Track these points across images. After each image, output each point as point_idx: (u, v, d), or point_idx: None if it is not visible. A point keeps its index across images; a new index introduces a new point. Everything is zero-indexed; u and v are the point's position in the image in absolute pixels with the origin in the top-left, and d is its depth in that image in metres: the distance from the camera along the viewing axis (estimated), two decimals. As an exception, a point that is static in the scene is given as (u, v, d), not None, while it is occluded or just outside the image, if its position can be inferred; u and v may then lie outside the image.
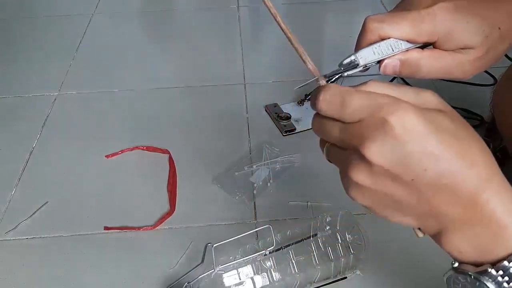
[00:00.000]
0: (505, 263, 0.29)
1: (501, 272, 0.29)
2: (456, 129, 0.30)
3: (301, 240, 0.62)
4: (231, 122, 0.94)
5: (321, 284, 0.63)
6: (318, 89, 0.33)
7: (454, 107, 0.32)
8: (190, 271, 0.67)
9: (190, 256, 0.69)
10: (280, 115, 0.92)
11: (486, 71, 0.96)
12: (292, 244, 0.61)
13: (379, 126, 0.29)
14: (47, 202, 0.79)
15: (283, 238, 0.62)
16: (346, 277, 0.64)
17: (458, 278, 0.31)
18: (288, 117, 0.92)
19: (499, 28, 0.37)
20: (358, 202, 0.32)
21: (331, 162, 0.36)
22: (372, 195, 0.31)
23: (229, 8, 1.35)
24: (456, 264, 0.32)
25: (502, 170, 0.64)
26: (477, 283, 0.29)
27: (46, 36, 1.28)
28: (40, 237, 0.74)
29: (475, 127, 0.87)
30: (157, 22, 1.33)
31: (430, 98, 0.31)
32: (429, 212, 0.30)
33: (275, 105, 0.96)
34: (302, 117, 0.93)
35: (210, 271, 0.57)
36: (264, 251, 0.59)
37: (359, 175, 0.31)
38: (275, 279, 0.59)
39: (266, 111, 0.96)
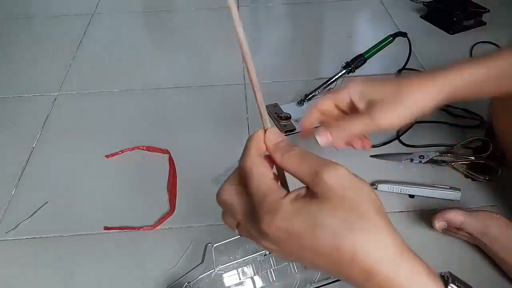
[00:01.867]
0: None
1: None
2: (330, 220, 0.31)
3: None
4: (231, 122, 0.94)
5: (321, 284, 0.63)
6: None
7: (453, 107, 0.33)
8: (190, 271, 0.67)
9: (190, 256, 0.69)
10: (280, 115, 0.92)
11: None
12: None
13: (257, 224, 0.33)
14: (47, 202, 0.79)
15: None
16: None
17: None
18: (288, 117, 0.92)
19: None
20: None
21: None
22: (287, 257, 0.35)
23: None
24: None
25: (501, 170, 0.66)
26: None
27: (47, 36, 1.28)
28: (40, 237, 0.74)
29: (475, 127, 0.88)
30: (157, 22, 1.33)
31: (324, 179, 0.32)
32: (338, 275, 0.33)
33: (275, 105, 0.96)
34: (302, 117, 0.93)
35: (210, 271, 0.57)
36: (264, 251, 0.59)
37: (266, 245, 0.34)
38: (274, 279, 0.59)
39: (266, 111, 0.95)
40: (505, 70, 0.50)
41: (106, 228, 0.74)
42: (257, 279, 0.59)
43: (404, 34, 1.00)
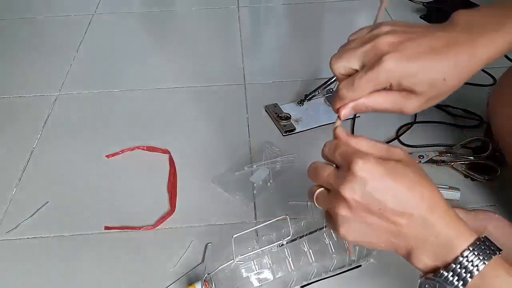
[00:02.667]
0: (453, 265, 0.39)
1: (451, 273, 0.39)
2: (409, 172, 0.40)
3: (315, 231, 0.62)
4: (231, 122, 0.94)
5: (336, 273, 0.64)
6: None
7: (452, 107, 0.33)
8: (190, 271, 0.67)
9: (190, 256, 0.69)
10: (280, 115, 0.93)
11: (485, 71, 0.96)
12: (306, 234, 0.62)
13: (349, 171, 0.40)
14: (47, 202, 0.79)
15: (297, 229, 0.63)
16: (360, 265, 0.65)
17: (425, 284, 0.41)
18: (288, 117, 0.92)
19: (444, 80, 0.43)
20: (345, 238, 0.43)
21: (319, 206, 0.45)
22: (355, 227, 0.42)
23: (229, 8, 1.36)
24: (422, 274, 0.42)
25: (501, 170, 0.66)
26: (437, 285, 0.40)
27: (47, 37, 1.28)
28: (41, 237, 0.74)
29: (474, 127, 0.88)
30: (157, 22, 1.33)
31: (397, 153, 0.42)
32: (398, 234, 0.41)
33: (275, 105, 0.96)
34: (302, 117, 0.93)
35: (230, 262, 0.58)
36: (281, 240, 0.60)
37: (341, 210, 0.41)
38: (292, 268, 0.60)
39: (266, 111, 0.96)
40: None
41: (106, 227, 0.74)
42: (275, 268, 0.60)
43: (403, 34, 1.00)
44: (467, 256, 0.39)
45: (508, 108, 0.68)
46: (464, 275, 0.38)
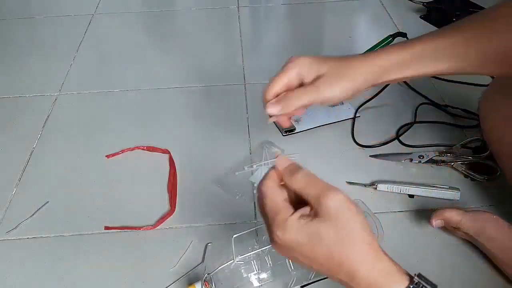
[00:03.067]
0: None
1: None
2: (331, 236, 0.41)
3: None
4: (231, 122, 0.94)
5: None
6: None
7: (452, 107, 0.33)
8: (190, 271, 0.67)
9: (190, 256, 0.69)
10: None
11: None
12: None
13: (270, 235, 0.44)
14: (47, 202, 0.79)
15: None
16: None
17: None
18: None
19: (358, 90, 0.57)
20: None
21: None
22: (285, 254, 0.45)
23: (229, 8, 1.36)
24: None
25: (500, 170, 0.66)
26: None
27: (47, 37, 1.28)
28: (41, 237, 0.74)
29: (474, 127, 0.88)
30: (157, 22, 1.33)
31: (327, 203, 0.42)
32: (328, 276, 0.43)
33: (275, 105, 0.96)
34: (302, 117, 0.93)
35: (230, 262, 0.58)
36: None
37: (272, 242, 0.44)
38: (292, 268, 0.60)
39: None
40: (421, 56, 0.56)
41: (106, 227, 0.74)
42: (275, 268, 0.60)
43: (403, 35, 1.00)
44: None
45: (497, 113, 0.69)
46: None
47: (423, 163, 0.81)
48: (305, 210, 0.43)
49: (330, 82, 0.56)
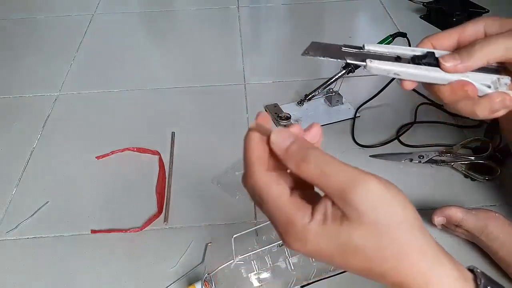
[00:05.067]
0: None
1: None
2: (366, 244, 0.30)
3: None
4: (231, 122, 0.94)
5: (336, 273, 0.64)
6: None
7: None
8: (190, 271, 0.67)
9: (190, 256, 0.69)
10: (280, 115, 0.93)
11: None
12: None
13: (281, 235, 0.33)
14: (47, 202, 0.79)
15: None
16: None
17: None
18: (288, 117, 0.92)
19: None
20: None
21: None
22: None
23: (229, 8, 1.36)
24: None
25: (501, 170, 0.65)
26: None
27: (47, 37, 1.28)
28: (41, 237, 0.74)
29: (474, 127, 0.88)
30: (157, 22, 1.33)
31: (357, 200, 0.30)
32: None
33: (275, 105, 0.96)
34: (302, 117, 0.93)
35: (230, 262, 0.58)
36: (280, 241, 0.60)
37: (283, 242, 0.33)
38: (292, 268, 0.60)
39: (266, 111, 0.96)
40: None
41: (93, 231, 0.73)
42: (275, 268, 0.60)
43: (403, 35, 1.00)
44: None
45: None
46: None
47: (423, 163, 0.81)
48: (327, 209, 0.31)
49: None
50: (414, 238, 0.31)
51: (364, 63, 0.44)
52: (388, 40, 0.96)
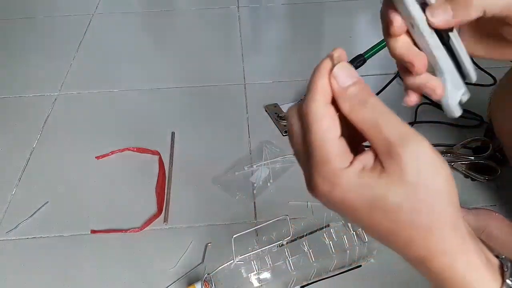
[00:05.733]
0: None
1: None
2: (401, 209, 0.28)
3: (315, 231, 0.62)
4: (231, 122, 0.94)
5: (336, 273, 0.64)
6: None
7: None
8: (190, 271, 0.67)
9: (190, 256, 0.69)
10: (280, 115, 0.93)
11: (486, 72, 0.96)
12: (306, 234, 0.62)
13: (307, 181, 0.31)
14: (47, 202, 0.79)
15: (297, 229, 0.63)
16: (360, 265, 0.65)
17: None
18: (288, 117, 0.92)
19: None
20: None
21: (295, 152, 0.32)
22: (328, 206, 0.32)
23: (229, 8, 1.36)
24: None
25: (501, 170, 0.65)
26: None
27: (47, 37, 1.28)
28: (41, 237, 0.74)
29: (474, 127, 0.88)
30: (157, 22, 1.33)
31: (404, 151, 0.28)
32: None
33: (275, 105, 0.96)
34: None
35: (230, 262, 0.58)
36: (281, 241, 0.59)
37: (310, 192, 0.31)
38: (292, 268, 0.60)
39: (266, 111, 0.96)
40: None
41: (93, 231, 0.73)
42: (275, 269, 0.60)
43: (404, 34, 1.00)
44: None
45: (509, 108, 0.68)
46: None
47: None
48: (368, 161, 0.29)
49: None
50: (450, 213, 0.29)
51: None
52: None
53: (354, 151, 0.30)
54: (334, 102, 0.30)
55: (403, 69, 0.36)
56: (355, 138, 0.30)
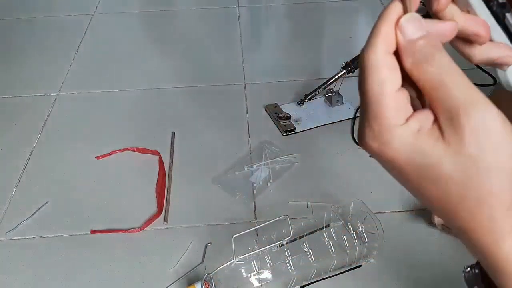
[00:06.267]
0: None
1: None
2: (451, 174, 0.26)
3: (315, 231, 0.63)
4: (231, 122, 0.94)
5: (336, 273, 0.64)
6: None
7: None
8: (190, 271, 0.67)
9: (190, 256, 0.69)
10: (280, 115, 0.93)
11: (486, 71, 0.96)
12: (306, 234, 0.62)
13: (359, 135, 0.29)
14: (47, 202, 0.79)
15: (297, 229, 0.63)
16: (360, 266, 0.65)
17: None
18: (288, 117, 0.92)
19: None
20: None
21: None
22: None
23: (229, 8, 1.36)
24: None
25: None
26: None
27: (47, 37, 1.28)
28: (41, 237, 0.74)
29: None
30: (157, 22, 1.33)
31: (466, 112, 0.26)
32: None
33: (275, 105, 0.96)
34: (302, 117, 0.93)
35: (230, 262, 0.58)
36: (281, 241, 0.60)
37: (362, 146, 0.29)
38: (292, 268, 0.60)
39: (266, 111, 0.96)
40: None
41: (93, 231, 0.73)
42: (275, 269, 0.60)
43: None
44: None
45: (509, 109, 0.68)
46: None
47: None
48: (426, 119, 0.26)
49: None
50: (505, 193, 0.26)
51: None
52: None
53: (414, 104, 0.27)
54: (397, 54, 0.27)
55: (461, 43, 0.33)
56: (416, 91, 0.27)
